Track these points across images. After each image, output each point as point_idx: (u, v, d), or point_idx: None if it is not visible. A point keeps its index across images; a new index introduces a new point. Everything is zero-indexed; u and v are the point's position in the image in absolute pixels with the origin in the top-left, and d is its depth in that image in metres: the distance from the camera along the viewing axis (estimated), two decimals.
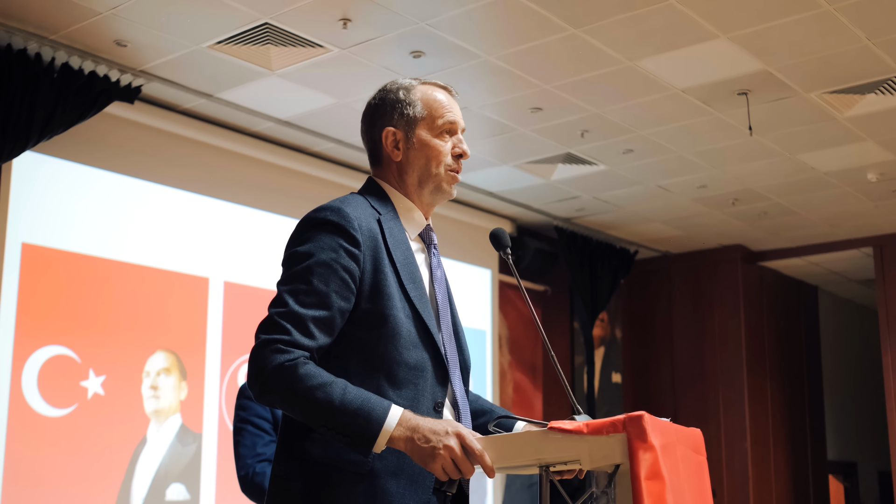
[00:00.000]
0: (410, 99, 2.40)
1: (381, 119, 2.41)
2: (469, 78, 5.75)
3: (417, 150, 2.38)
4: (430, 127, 2.39)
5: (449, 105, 2.42)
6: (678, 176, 7.60)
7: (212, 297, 6.43)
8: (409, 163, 2.39)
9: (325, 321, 2.15)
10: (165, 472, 6.00)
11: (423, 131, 2.39)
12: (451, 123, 2.41)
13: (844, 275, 10.53)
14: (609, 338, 9.68)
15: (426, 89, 2.43)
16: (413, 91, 2.42)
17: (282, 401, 2.10)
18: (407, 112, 2.39)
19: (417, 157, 2.38)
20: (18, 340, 5.44)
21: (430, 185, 2.40)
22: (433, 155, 2.38)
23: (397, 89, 2.42)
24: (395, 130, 2.39)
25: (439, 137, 2.39)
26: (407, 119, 2.39)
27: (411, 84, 2.43)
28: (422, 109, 2.39)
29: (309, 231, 2.24)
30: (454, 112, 2.43)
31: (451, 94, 2.47)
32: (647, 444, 1.95)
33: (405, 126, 2.39)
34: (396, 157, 2.39)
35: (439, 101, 2.41)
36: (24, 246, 5.54)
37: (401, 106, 2.39)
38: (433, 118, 2.39)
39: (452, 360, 2.33)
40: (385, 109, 2.41)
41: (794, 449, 10.16)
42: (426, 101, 2.40)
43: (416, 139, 2.38)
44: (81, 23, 5.12)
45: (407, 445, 2.04)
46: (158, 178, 6.22)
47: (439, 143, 2.39)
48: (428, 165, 2.38)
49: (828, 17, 5.03)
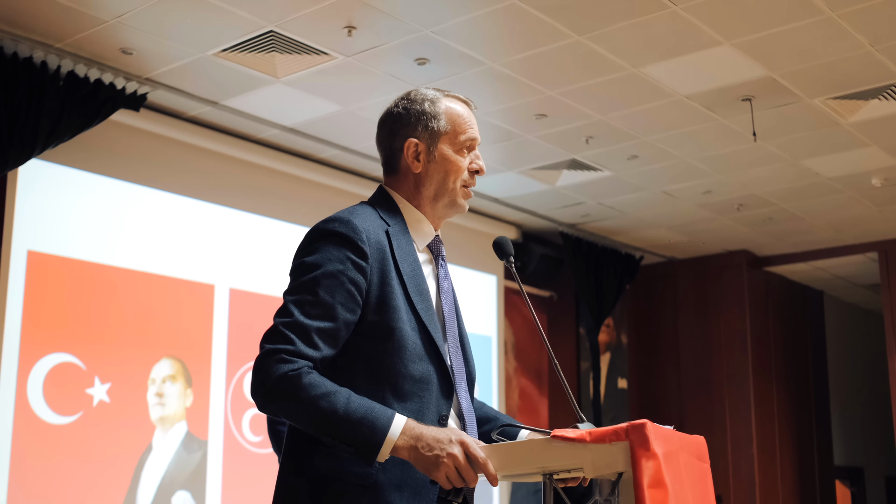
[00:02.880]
0: (435, 111, 2.40)
1: (405, 129, 2.41)
2: (474, 85, 5.76)
3: (438, 163, 2.39)
4: (452, 142, 2.40)
5: (470, 121, 2.43)
6: (683, 182, 7.60)
7: (217, 305, 6.44)
8: (427, 175, 2.40)
9: (329, 332, 2.16)
10: (171, 480, 6.01)
11: (445, 145, 2.39)
12: (473, 140, 2.42)
13: (850, 280, 10.52)
14: (615, 343, 9.67)
15: (450, 103, 2.43)
16: (438, 103, 2.41)
17: (285, 410, 2.10)
18: (431, 125, 2.39)
19: (437, 171, 2.39)
20: (24, 348, 5.45)
21: (446, 199, 2.41)
22: (452, 170, 2.39)
23: (423, 100, 2.42)
24: (417, 142, 2.39)
25: (459, 153, 2.40)
26: (431, 132, 2.39)
27: (436, 96, 2.43)
28: (446, 124, 2.40)
29: (317, 242, 2.25)
30: (475, 128, 2.44)
31: (472, 108, 2.48)
32: (649, 452, 1.96)
33: (428, 138, 2.39)
34: (416, 168, 2.39)
35: (462, 116, 2.42)
36: (30, 253, 5.55)
37: (426, 118, 2.40)
38: (456, 133, 2.40)
39: (458, 373, 2.34)
40: (409, 119, 2.41)
41: (801, 454, 10.15)
42: (450, 115, 2.41)
43: (437, 153, 2.39)
44: (87, 31, 5.14)
45: (411, 454, 2.04)
46: (164, 186, 6.23)
47: (459, 159, 2.40)
48: (446, 180, 2.39)
49: (831, 24, 5.04)
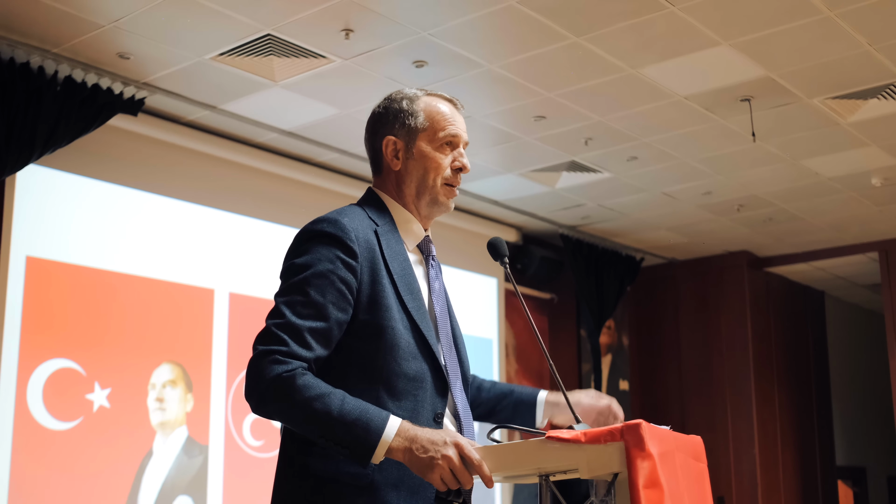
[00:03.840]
0: (413, 109, 2.40)
1: (384, 128, 2.42)
2: (472, 87, 5.75)
3: (416, 160, 2.38)
4: (430, 139, 2.39)
5: (452, 118, 2.42)
6: (683, 183, 7.60)
7: (217, 309, 6.43)
8: (407, 173, 2.40)
9: (322, 332, 2.16)
10: (172, 485, 6.00)
11: (423, 143, 2.39)
12: (453, 136, 2.41)
13: (850, 279, 10.51)
14: (616, 345, 9.67)
15: (430, 101, 2.43)
16: (417, 101, 2.42)
17: (279, 412, 2.10)
18: (408, 122, 2.39)
19: (416, 168, 2.39)
20: (23, 354, 5.44)
21: (427, 197, 2.40)
22: (431, 167, 2.38)
23: (401, 99, 2.43)
24: (395, 140, 2.39)
25: (440, 150, 2.39)
26: (408, 129, 2.39)
27: (416, 94, 2.44)
28: (424, 120, 2.39)
29: (306, 243, 2.25)
30: (457, 125, 2.42)
31: (457, 106, 2.47)
32: (644, 453, 1.96)
33: (406, 136, 2.39)
34: (395, 166, 2.40)
35: (442, 113, 2.41)
36: (29, 259, 5.55)
37: (403, 116, 2.40)
38: (434, 130, 2.40)
39: (453, 371, 2.34)
40: (388, 118, 2.42)
41: (803, 454, 10.14)
42: (429, 112, 2.41)
43: (415, 150, 2.38)
44: (84, 36, 5.14)
45: (405, 456, 2.04)
46: (163, 190, 6.23)
47: (438, 156, 2.39)
48: (426, 177, 2.39)
49: (829, 23, 5.03)
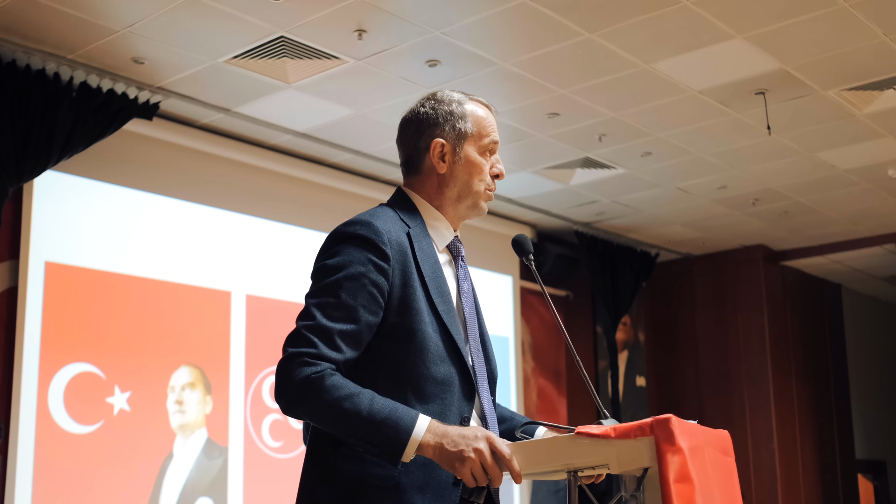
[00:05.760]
0: (462, 113, 2.42)
1: (431, 128, 2.42)
2: (485, 85, 5.75)
3: (462, 165, 2.40)
4: (476, 144, 2.42)
5: (493, 124, 2.46)
6: (697, 177, 7.58)
7: (234, 311, 6.45)
8: (452, 176, 2.41)
9: (352, 335, 2.16)
10: (192, 487, 6.02)
11: (470, 147, 2.41)
12: (495, 143, 2.45)
13: (867, 272, 10.47)
14: (632, 341, 9.65)
15: (475, 106, 2.46)
16: (465, 105, 2.44)
17: (309, 412, 2.11)
18: (459, 126, 2.41)
19: (462, 172, 2.41)
20: (44, 358, 5.47)
21: (468, 201, 2.42)
22: (476, 171, 2.41)
23: (450, 101, 2.44)
24: (444, 142, 2.40)
25: (482, 155, 2.43)
26: (458, 133, 2.41)
27: (462, 98, 2.46)
28: (472, 126, 2.42)
29: (338, 244, 2.25)
30: (497, 132, 2.47)
31: (493, 112, 2.51)
32: (675, 447, 1.95)
33: (454, 139, 2.41)
34: (441, 168, 2.40)
35: (486, 119, 2.45)
36: (48, 264, 5.57)
37: (453, 119, 2.41)
38: (481, 136, 2.42)
39: (480, 373, 2.34)
40: (436, 119, 2.42)
41: (822, 449, 10.10)
42: (475, 117, 2.43)
43: (462, 154, 2.40)
44: (99, 41, 5.16)
45: (436, 452, 2.04)
46: (178, 194, 6.25)
47: (483, 161, 2.42)
48: (470, 182, 2.41)
49: (843, 14, 5.01)
